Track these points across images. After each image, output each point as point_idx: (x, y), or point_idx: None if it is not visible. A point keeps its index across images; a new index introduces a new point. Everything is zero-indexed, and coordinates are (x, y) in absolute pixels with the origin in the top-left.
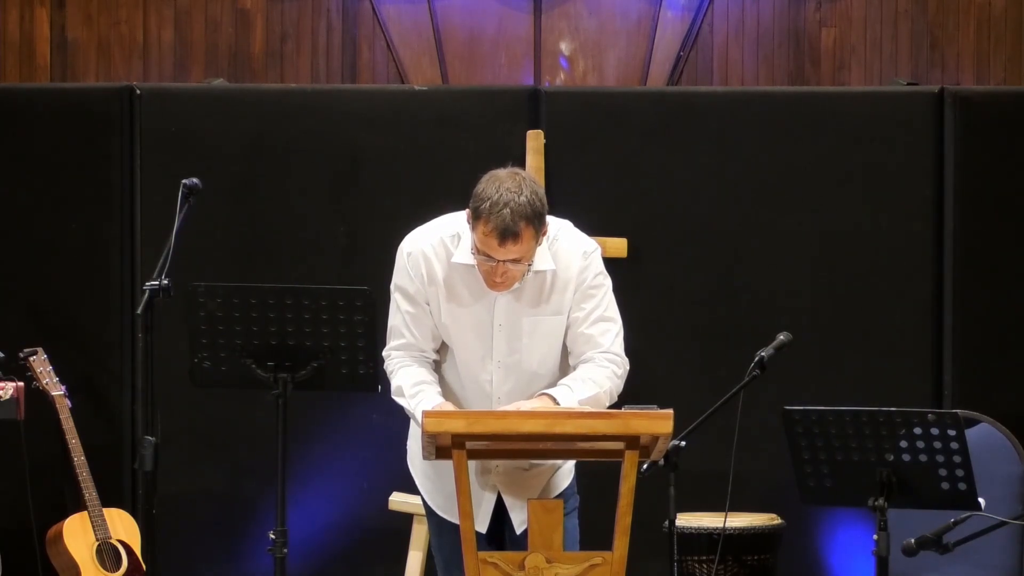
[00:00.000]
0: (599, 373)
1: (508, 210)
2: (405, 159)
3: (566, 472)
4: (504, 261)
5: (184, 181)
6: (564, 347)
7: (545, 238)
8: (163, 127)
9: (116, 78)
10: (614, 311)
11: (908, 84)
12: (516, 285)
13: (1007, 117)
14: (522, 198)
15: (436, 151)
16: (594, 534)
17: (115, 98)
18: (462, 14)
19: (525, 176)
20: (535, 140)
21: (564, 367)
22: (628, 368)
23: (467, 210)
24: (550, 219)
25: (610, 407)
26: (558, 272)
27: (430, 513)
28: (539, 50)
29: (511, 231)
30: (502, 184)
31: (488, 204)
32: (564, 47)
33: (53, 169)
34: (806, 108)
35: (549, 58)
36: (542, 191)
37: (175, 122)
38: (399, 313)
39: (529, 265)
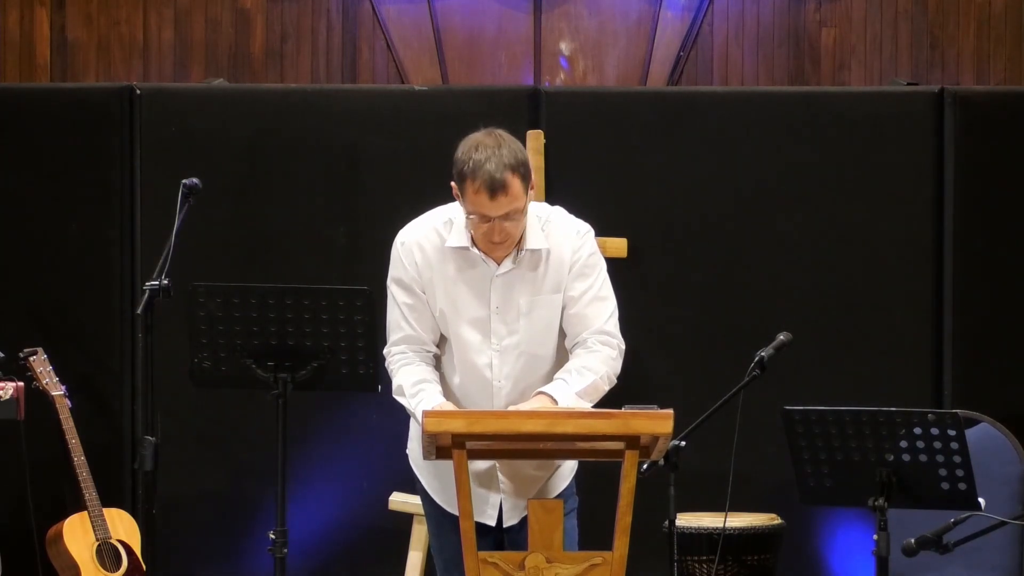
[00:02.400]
0: (594, 359)
1: (492, 164)
2: (405, 159)
3: (566, 473)
4: (498, 218)
5: (184, 181)
6: (562, 328)
7: (537, 218)
8: (163, 127)
9: (116, 78)
10: (609, 291)
11: (908, 84)
12: (509, 265)
13: (1007, 117)
14: (503, 150)
15: (436, 151)
16: (594, 534)
17: (115, 98)
18: (462, 14)
19: (501, 132)
20: (535, 140)
21: (563, 349)
22: (624, 348)
23: (452, 183)
24: (543, 205)
25: (610, 405)
26: (552, 250)
27: (430, 514)
28: (539, 50)
29: (499, 182)
30: (480, 143)
31: (471, 163)
32: (564, 47)
33: (53, 169)
34: (806, 108)
35: (549, 58)
36: (519, 144)
37: (175, 122)
38: (397, 306)
39: (524, 214)
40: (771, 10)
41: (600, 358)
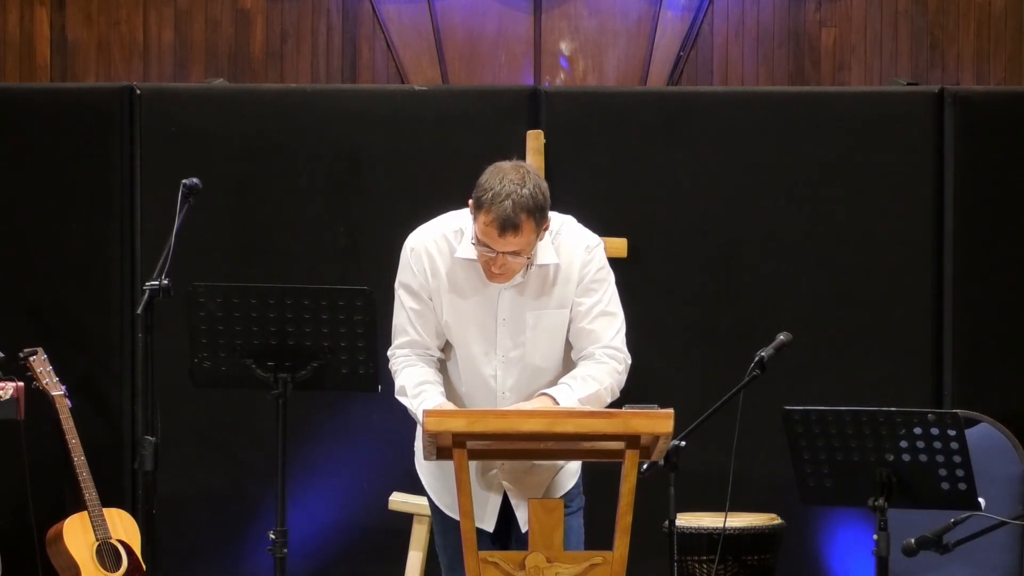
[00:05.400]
0: (599, 370)
1: (510, 202)
2: (405, 159)
3: (571, 472)
4: (503, 253)
5: (184, 181)
6: (568, 341)
7: (548, 232)
8: (163, 127)
9: (116, 78)
10: (616, 306)
11: (908, 84)
12: (518, 279)
13: (1007, 117)
14: (525, 190)
15: (436, 151)
16: (595, 534)
17: (115, 98)
18: (462, 14)
19: (529, 169)
20: (535, 140)
21: (568, 361)
22: (630, 363)
23: (470, 200)
24: (554, 214)
25: (611, 406)
26: (561, 266)
27: (434, 512)
28: (539, 50)
29: (512, 223)
30: (506, 176)
31: (491, 195)
32: (564, 47)
33: (53, 169)
34: (806, 108)
35: (549, 58)
36: (545, 185)
37: (175, 122)
38: (403, 310)
39: (529, 259)
40: (771, 10)
41: (606, 370)
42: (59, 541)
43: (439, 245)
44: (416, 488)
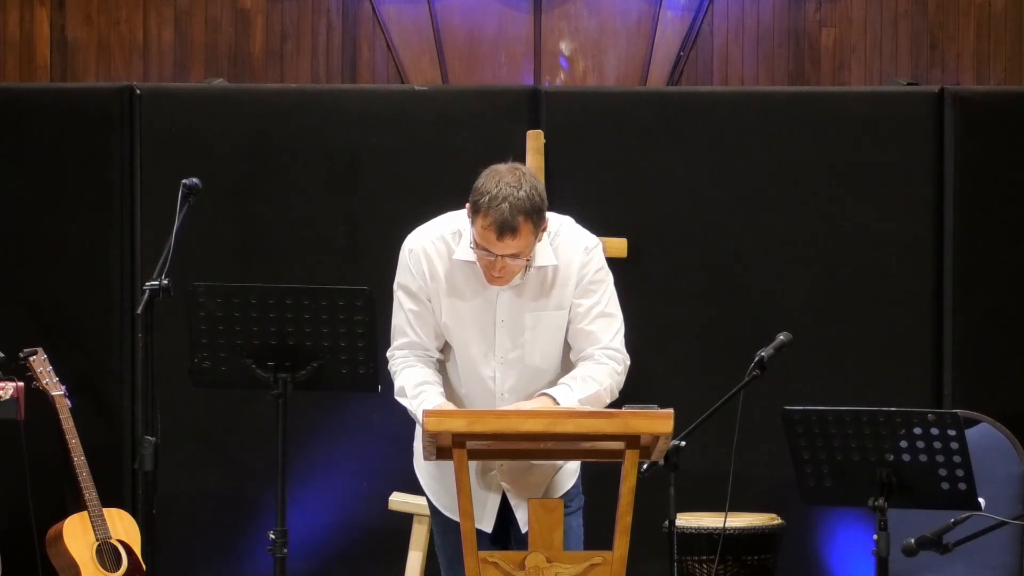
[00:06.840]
0: (599, 371)
1: (507, 204)
2: (405, 159)
3: (571, 472)
4: (502, 256)
5: (184, 181)
6: (566, 342)
7: (546, 233)
8: (163, 127)
9: (116, 78)
10: (615, 307)
11: (908, 84)
12: (517, 280)
13: (1007, 117)
14: (521, 193)
15: (436, 151)
16: (595, 534)
17: (115, 98)
18: (462, 14)
19: (525, 171)
20: (535, 140)
21: (566, 362)
22: (629, 364)
23: (467, 204)
24: (552, 215)
25: (611, 406)
26: (559, 267)
27: (435, 512)
28: (539, 50)
29: (509, 226)
30: (502, 179)
31: (487, 198)
32: (564, 47)
33: (53, 169)
34: (806, 108)
35: (549, 58)
36: (542, 186)
37: (175, 122)
38: (402, 312)
39: (528, 260)
40: (771, 10)
41: (606, 371)
42: (59, 541)
43: (437, 247)
44: (416, 488)
